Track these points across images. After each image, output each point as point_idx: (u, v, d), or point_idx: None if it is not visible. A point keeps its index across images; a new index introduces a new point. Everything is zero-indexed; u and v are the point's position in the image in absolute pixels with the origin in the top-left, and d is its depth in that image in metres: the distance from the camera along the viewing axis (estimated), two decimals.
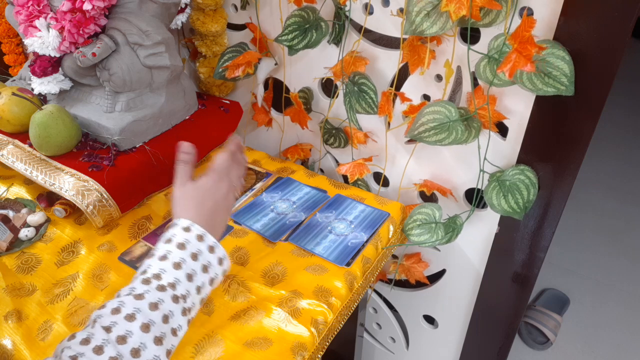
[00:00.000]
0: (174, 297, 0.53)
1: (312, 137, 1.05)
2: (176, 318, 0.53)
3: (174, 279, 0.54)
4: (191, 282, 0.56)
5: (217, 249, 0.60)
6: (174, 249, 0.56)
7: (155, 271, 0.54)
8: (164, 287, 0.53)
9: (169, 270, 0.54)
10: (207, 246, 0.59)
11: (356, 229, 0.84)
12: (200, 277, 0.57)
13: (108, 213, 0.80)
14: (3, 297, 0.71)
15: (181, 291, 0.54)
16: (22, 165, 0.84)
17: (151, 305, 0.51)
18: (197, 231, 0.59)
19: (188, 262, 0.56)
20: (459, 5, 0.63)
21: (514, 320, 0.94)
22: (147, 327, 0.49)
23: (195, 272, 0.56)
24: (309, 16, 0.84)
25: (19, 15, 0.83)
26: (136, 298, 0.51)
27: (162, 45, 0.85)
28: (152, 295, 0.52)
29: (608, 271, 1.70)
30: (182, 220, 0.59)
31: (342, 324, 0.74)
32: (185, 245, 0.57)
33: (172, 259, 0.55)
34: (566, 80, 0.65)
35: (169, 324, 0.52)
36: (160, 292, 0.52)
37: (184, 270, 0.55)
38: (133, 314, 0.49)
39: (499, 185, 0.77)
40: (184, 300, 0.54)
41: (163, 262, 0.55)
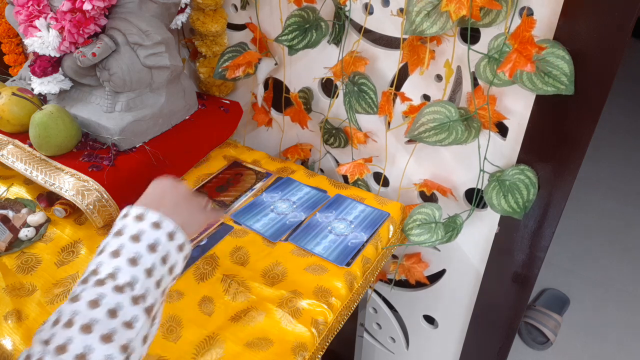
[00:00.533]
0: (133, 299, 0.47)
1: (312, 137, 1.05)
2: (126, 310, 0.46)
3: (131, 277, 0.49)
4: (149, 278, 0.50)
5: (177, 234, 0.53)
6: (127, 241, 0.50)
7: (92, 266, 0.49)
8: (101, 281, 0.47)
9: (124, 268, 0.49)
10: (165, 234, 0.52)
11: (356, 229, 0.84)
12: (158, 268, 0.51)
13: (108, 213, 0.80)
14: (3, 297, 0.71)
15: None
16: (22, 165, 0.84)
17: (91, 303, 0.45)
18: (152, 218, 0.52)
19: (145, 256, 0.50)
20: (459, 5, 0.63)
21: (514, 320, 0.94)
22: (88, 328, 0.44)
23: (155, 266, 0.50)
24: (309, 16, 0.84)
25: (19, 15, 0.83)
26: (72, 301, 0.46)
27: (162, 45, 0.85)
28: (89, 292, 0.46)
29: (608, 271, 1.70)
30: (134, 209, 0.53)
31: (342, 324, 0.74)
32: (140, 236, 0.51)
33: (127, 254, 0.50)
34: (566, 80, 0.65)
35: (119, 318, 0.46)
36: (98, 287, 0.47)
37: (142, 266, 0.49)
38: (70, 319, 0.44)
39: (499, 185, 0.77)
40: (144, 299, 0.48)
41: (117, 259, 0.49)
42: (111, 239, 0.51)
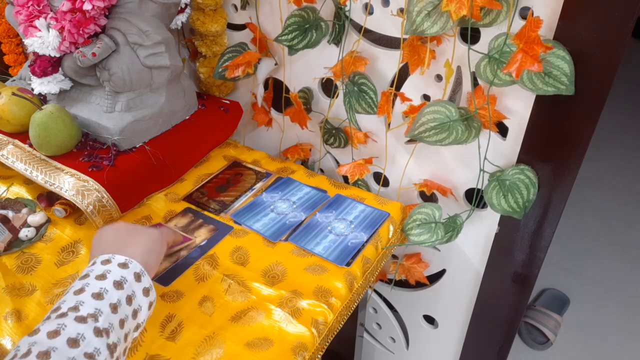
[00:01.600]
0: (96, 331, 0.46)
1: (312, 137, 1.05)
2: (88, 341, 0.45)
3: (95, 309, 0.48)
4: (115, 314, 0.49)
5: (144, 277, 0.54)
6: (92, 280, 0.50)
7: (72, 304, 0.48)
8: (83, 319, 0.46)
9: (87, 301, 0.48)
10: (131, 273, 0.53)
11: (356, 229, 0.84)
12: (123, 306, 0.50)
13: (108, 213, 0.80)
14: (3, 297, 0.71)
15: (103, 324, 0.47)
16: (22, 165, 0.84)
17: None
18: (119, 260, 0.53)
19: (110, 291, 0.50)
20: (459, 5, 0.63)
21: (514, 320, 0.94)
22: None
23: (120, 303, 0.50)
24: (309, 16, 0.84)
25: (19, 15, 0.83)
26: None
27: (162, 45, 0.85)
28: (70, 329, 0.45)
29: (608, 271, 1.70)
30: (100, 257, 0.54)
31: (342, 324, 0.74)
32: (106, 275, 0.51)
33: (91, 289, 0.49)
34: (566, 80, 0.65)
35: (80, 348, 0.44)
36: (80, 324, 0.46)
37: (107, 300, 0.49)
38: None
39: (499, 185, 0.77)
40: (107, 334, 0.47)
41: (81, 295, 0.49)
42: (76, 282, 0.51)
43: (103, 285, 0.50)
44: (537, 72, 0.65)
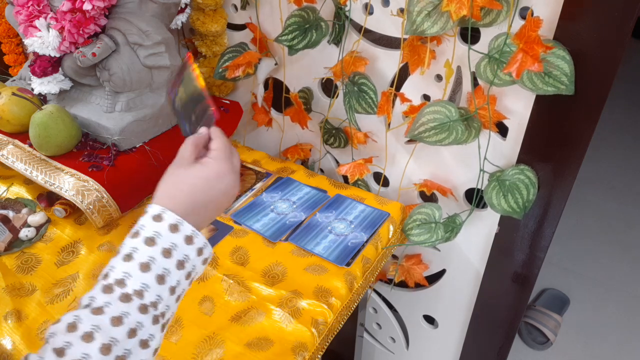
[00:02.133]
0: (141, 308, 0.44)
1: (312, 137, 1.05)
2: (146, 329, 0.44)
3: (141, 284, 0.45)
4: (163, 285, 0.47)
5: (196, 238, 0.49)
6: (141, 245, 0.47)
7: (119, 276, 0.45)
8: (128, 296, 0.44)
9: (135, 274, 0.45)
10: (182, 237, 0.48)
11: (356, 229, 0.84)
12: (173, 274, 0.47)
13: (108, 213, 0.80)
14: (3, 297, 0.71)
15: (150, 299, 0.45)
16: (22, 165, 0.84)
17: (113, 320, 0.43)
18: (170, 220, 0.48)
19: (158, 260, 0.46)
20: (459, 5, 0.63)
21: (514, 320, 0.94)
22: (108, 349, 0.41)
23: (169, 272, 0.47)
24: (309, 16, 0.84)
25: (19, 15, 0.83)
26: (95, 313, 0.43)
27: (162, 45, 0.85)
28: (115, 307, 0.43)
29: (608, 271, 1.70)
30: (152, 207, 0.49)
31: (342, 324, 0.74)
32: (155, 239, 0.47)
33: (139, 258, 0.46)
34: (566, 80, 0.65)
35: (137, 336, 0.44)
36: (125, 304, 0.44)
37: (154, 272, 0.46)
38: (91, 332, 0.42)
39: (499, 185, 0.77)
40: (155, 307, 0.46)
41: (128, 264, 0.46)
42: (141, 246, 0.47)
43: (167, 265, 0.47)
44: (537, 72, 0.65)
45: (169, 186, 0.52)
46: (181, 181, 0.52)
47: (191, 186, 0.51)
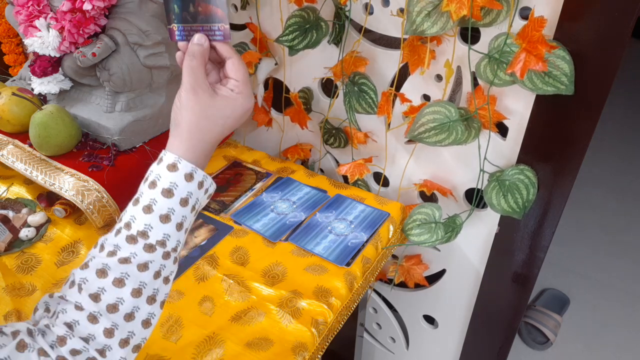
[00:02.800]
0: (164, 254, 0.48)
1: (312, 137, 1.05)
2: (167, 268, 0.49)
3: (163, 235, 0.48)
4: (180, 231, 0.49)
5: (206, 182, 0.50)
6: (159, 196, 0.47)
7: (141, 228, 0.47)
8: (152, 247, 0.47)
9: (155, 226, 0.47)
10: (196, 184, 0.49)
11: (356, 229, 0.84)
12: (189, 218, 0.50)
13: (108, 213, 0.80)
14: (3, 297, 0.71)
15: (172, 245, 0.48)
16: (22, 165, 0.84)
17: (140, 267, 0.46)
18: (185, 169, 0.48)
19: (177, 210, 0.48)
20: (459, 5, 0.63)
21: (514, 320, 0.94)
22: (138, 292, 0.46)
23: (186, 218, 0.49)
24: (309, 16, 0.84)
25: (19, 15, 0.83)
26: (122, 262, 0.46)
27: (162, 45, 0.85)
28: (140, 257, 0.46)
29: (608, 271, 1.70)
30: (168, 155, 0.49)
31: (342, 324, 0.74)
32: (173, 191, 0.48)
33: (159, 210, 0.47)
34: (566, 80, 0.65)
35: (161, 277, 0.48)
36: (150, 254, 0.47)
37: (174, 222, 0.48)
38: (122, 279, 0.46)
39: (499, 185, 0.77)
40: (175, 251, 0.49)
41: (148, 215, 0.47)
42: (160, 198, 0.48)
43: (170, 205, 0.48)
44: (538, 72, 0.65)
45: (190, 118, 0.49)
46: (204, 115, 0.50)
47: (214, 124, 0.50)
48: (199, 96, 0.49)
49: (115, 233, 0.48)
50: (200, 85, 0.50)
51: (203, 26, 0.51)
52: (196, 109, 0.49)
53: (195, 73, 0.50)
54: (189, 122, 0.49)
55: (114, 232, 0.48)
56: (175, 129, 0.50)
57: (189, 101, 0.49)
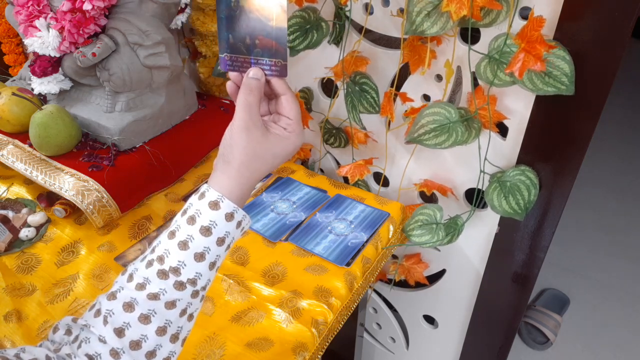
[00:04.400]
0: (193, 293, 0.47)
1: (312, 137, 1.05)
2: (193, 306, 0.48)
3: (195, 273, 0.46)
4: (212, 270, 0.48)
5: (244, 221, 0.49)
6: (196, 234, 0.46)
7: (174, 264, 0.45)
8: (182, 285, 0.46)
9: (189, 264, 0.46)
10: (235, 223, 0.47)
11: (356, 229, 0.84)
12: (222, 258, 0.48)
13: (108, 213, 0.80)
14: (3, 297, 0.71)
15: (202, 283, 0.47)
16: (22, 165, 0.84)
17: (167, 305, 0.45)
18: (227, 209, 0.46)
19: (212, 250, 0.47)
20: (459, 5, 0.63)
21: (514, 320, 0.94)
22: (163, 330, 0.45)
23: (219, 257, 0.48)
24: (309, 17, 0.84)
25: (19, 15, 0.83)
26: (150, 298, 0.45)
27: (162, 45, 0.85)
28: (170, 294, 0.45)
29: (608, 271, 1.70)
30: (211, 192, 0.47)
31: (342, 324, 0.74)
32: (211, 229, 0.46)
33: (194, 248, 0.46)
34: (566, 80, 0.65)
35: (186, 314, 0.47)
36: (179, 292, 0.46)
37: (208, 261, 0.46)
38: (148, 315, 0.45)
39: (500, 186, 0.77)
40: (204, 289, 0.48)
41: (183, 252, 0.46)
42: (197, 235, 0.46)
43: (207, 244, 0.46)
44: (538, 72, 0.65)
45: (242, 157, 0.47)
46: (255, 155, 0.48)
47: (264, 163, 0.49)
48: (252, 135, 0.48)
49: (147, 265, 0.46)
50: (254, 123, 0.48)
51: (258, 59, 0.49)
52: (248, 149, 0.48)
53: (251, 109, 0.48)
54: (239, 161, 0.48)
55: (145, 262, 0.46)
56: (224, 165, 0.48)
57: (241, 140, 0.48)
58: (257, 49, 0.48)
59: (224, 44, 0.49)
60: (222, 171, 0.48)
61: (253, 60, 0.49)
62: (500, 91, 0.74)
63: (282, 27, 0.48)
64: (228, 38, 0.49)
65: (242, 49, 0.49)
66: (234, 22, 0.48)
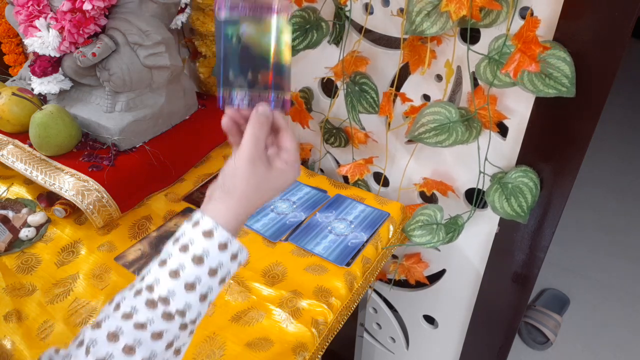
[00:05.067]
0: (182, 326, 0.45)
1: (313, 137, 1.05)
2: (181, 340, 0.46)
3: (185, 304, 0.45)
4: (204, 302, 0.46)
5: (240, 254, 0.48)
6: (188, 262, 0.45)
7: (163, 293, 0.44)
8: (171, 316, 0.44)
9: (179, 293, 0.44)
10: (229, 255, 0.47)
11: (356, 229, 0.84)
12: (214, 291, 0.47)
13: (108, 213, 0.80)
14: (3, 297, 0.71)
15: (191, 316, 0.46)
16: (22, 165, 0.84)
17: (154, 335, 0.44)
18: (220, 238, 0.46)
19: (204, 280, 0.46)
20: (459, 5, 0.63)
21: (514, 320, 0.94)
22: None
23: (212, 289, 0.47)
24: (309, 16, 0.84)
25: (19, 15, 0.83)
26: (137, 328, 0.43)
27: (162, 45, 0.85)
28: (157, 325, 0.44)
29: (608, 271, 1.70)
30: (205, 220, 0.46)
31: (342, 324, 0.74)
32: (203, 259, 0.45)
33: (185, 277, 0.45)
34: (567, 82, 0.65)
35: (172, 348, 0.45)
36: (167, 322, 0.44)
37: (198, 292, 0.45)
38: (133, 346, 0.43)
39: (501, 188, 0.77)
40: (193, 323, 0.47)
41: (174, 281, 0.45)
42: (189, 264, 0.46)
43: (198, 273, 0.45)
44: (536, 73, 0.65)
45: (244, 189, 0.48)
46: (258, 187, 0.48)
47: (263, 196, 0.49)
48: (257, 168, 0.48)
49: (135, 293, 0.45)
50: (260, 156, 0.48)
51: (261, 94, 0.49)
52: (252, 181, 0.48)
53: (258, 143, 0.48)
54: (241, 192, 0.48)
55: (134, 291, 0.45)
56: (223, 195, 0.48)
57: (246, 172, 0.48)
58: (260, 84, 0.48)
59: (225, 81, 0.49)
60: (220, 201, 0.48)
61: (257, 95, 0.49)
62: (500, 91, 0.74)
63: (286, 63, 0.47)
64: (228, 74, 0.48)
65: (243, 84, 0.48)
66: (235, 58, 0.48)
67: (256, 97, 0.49)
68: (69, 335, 0.66)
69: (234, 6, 0.46)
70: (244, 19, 0.46)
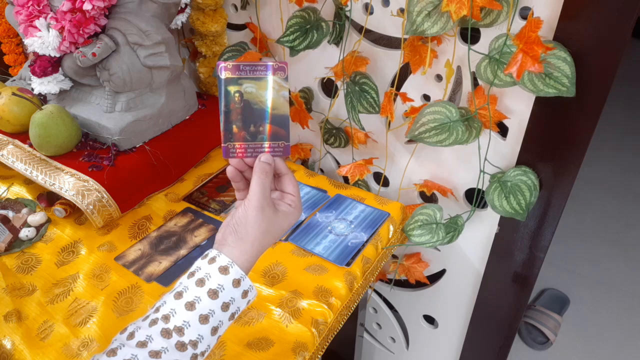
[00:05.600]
0: (192, 357, 0.47)
1: (313, 137, 1.05)
2: None
3: (197, 336, 0.48)
4: (214, 336, 0.49)
5: (250, 293, 0.52)
6: (204, 295, 0.48)
7: (179, 323, 0.47)
8: (184, 346, 0.47)
9: (193, 325, 0.47)
10: (241, 292, 0.51)
11: (356, 229, 0.84)
12: (224, 326, 0.50)
13: (108, 213, 0.80)
14: (3, 297, 0.71)
15: (201, 348, 0.48)
16: (22, 165, 0.84)
17: None
18: (235, 275, 0.50)
19: (217, 314, 0.49)
20: (459, 5, 0.63)
21: (514, 320, 0.94)
22: None
23: (222, 323, 0.50)
24: (310, 17, 0.84)
25: (19, 15, 0.83)
26: (152, 356, 0.45)
27: (162, 45, 0.85)
28: (171, 354, 0.46)
29: (608, 271, 1.70)
30: (222, 257, 0.50)
31: (342, 324, 0.74)
32: (218, 293, 0.49)
33: (200, 309, 0.48)
34: (567, 82, 0.65)
35: None
36: (180, 352, 0.46)
37: (210, 324, 0.48)
38: None
39: (501, 186, 0.77)
40: (202, 355, 0.49)
41: (190, 313, 0.48)
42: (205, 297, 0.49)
43: (212, 307, 0.49)
44: (538, 73, 0.65)
45: (256, 235, 0.51)
46: (268, 231, 0.52)
47: (272, 238, 0.53)
48: (265, 214, 0.52)
49: (150, 323, 0.47)
50: (268, 203, 0.52)
51: (262, 144, 0.53)
52: (262, 226, 0.52)
53: (265, 190, 0.52)
54: (253, 237, 0.51)
55: (148, 321, 0.47)
56: (237, 241, 0.51)
57: (257, 218, 0.51)
58: (261, 135, 0.53)
59: (228, 134, 0.52)
60: (234, 246, 0.51)
61: (259, 145, 0.53)
62: (501, 91, 0.74)
63: (284, 114, 0.53)
64: (232, 128, 0.53)
65: (247, 137, 0.53)
66: (238, 114, 0.52)
67: (258, 147, 0.53)
68: (69, 335, 0.66)
69: (234, 68, 0.51)
70: (243, 79, 0.52)
